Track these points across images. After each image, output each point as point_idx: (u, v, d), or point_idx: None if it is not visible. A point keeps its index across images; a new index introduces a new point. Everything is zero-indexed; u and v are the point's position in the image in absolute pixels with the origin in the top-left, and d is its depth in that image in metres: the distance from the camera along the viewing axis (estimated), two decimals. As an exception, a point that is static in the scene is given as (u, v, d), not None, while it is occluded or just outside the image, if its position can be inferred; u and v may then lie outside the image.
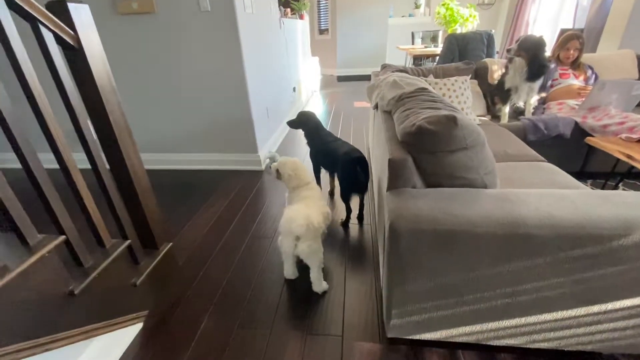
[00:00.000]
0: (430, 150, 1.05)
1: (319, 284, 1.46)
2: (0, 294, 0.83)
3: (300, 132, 2.30)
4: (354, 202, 1.93)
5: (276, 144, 3.21)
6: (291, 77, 4.11)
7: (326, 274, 1.57)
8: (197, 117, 2.59)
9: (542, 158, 1.74)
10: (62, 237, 0.98)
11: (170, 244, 1.53)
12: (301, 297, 1.45)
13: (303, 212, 1.35)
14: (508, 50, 2.33)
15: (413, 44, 5.35)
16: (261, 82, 2.79)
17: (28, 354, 0.90)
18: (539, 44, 2.20)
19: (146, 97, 2.56)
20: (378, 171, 1.53)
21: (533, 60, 2.21)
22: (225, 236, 1.89)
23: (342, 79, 6.99)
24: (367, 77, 6.66)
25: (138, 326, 1.34)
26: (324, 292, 1.46)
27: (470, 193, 1.02)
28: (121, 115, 1.23)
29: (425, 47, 4.88)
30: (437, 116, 1.03)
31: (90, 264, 1.13)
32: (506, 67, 2.39)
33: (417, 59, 4.81)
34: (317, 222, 1.36)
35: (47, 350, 0.94)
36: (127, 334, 1.29)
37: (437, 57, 4.51)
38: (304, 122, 2.16)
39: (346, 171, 1.81)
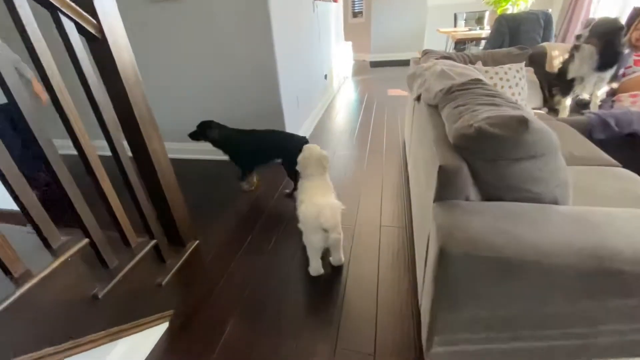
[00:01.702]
0: (490, 158, 0.88)
1: (340, 259, 1.51)
2: (23, 299, 0.80)
3: (333, 122, 2.17)
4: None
5: (306, 135, 3.09)
6: (323, 63, 3.94)
7: (356, 282, 1.46)
8: (226, 105, 2.53)
9: (616, 162, 1.48)
10: (86, 241, 0.94)
11: (197, 241, 1.49)
12: (329, 303, 1.36)
13: (324, 202, 1.33)
14: (577, 37, 2.02)
15: (455, 26, 4.94)
16: (292, 69, 2.67)
17: (52, 360, 0.88)
18: (615, 29, 1.88)
19: (173, 84, 2.53)
20: (419, 174, 1.37)
21: (606, 47, 1.89)
22: (252, 233, 1.83)
23: (375, 64, 6.68)
24: (402, 63, 6.31)
25: (164, 326, 1.32)
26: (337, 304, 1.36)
27: (539, 211, 0.85)
28: (146, 107, 1.17)
29: (470, 29, 4.48)
30: (502, 117, 0.86)
31: (116, 264, 1.10)
32: (571, 54, 2.08)
33: (460, 43, 4.43)
34: (339, 206, 1.37)
35: (70, 355, 0.92)
36: (152, 334, 1.27)
37: (483, 41, 4.13)
38: (215, 127, 2.05)
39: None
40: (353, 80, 5.66)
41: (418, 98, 1.73)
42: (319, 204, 1.33)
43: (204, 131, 2.04)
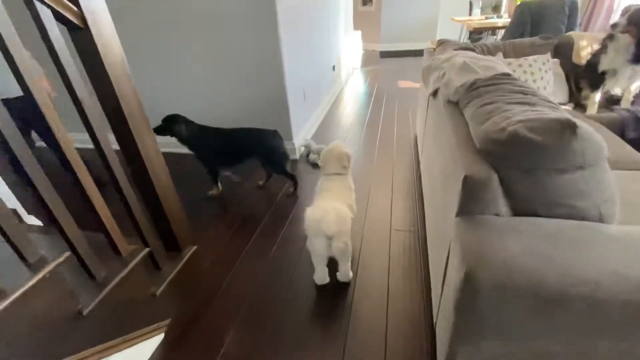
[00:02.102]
0: (526, 168, 0.76)
1: (347, 274, 1.39)
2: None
3: (341, 115, 2.06)
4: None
5: (312, 130, 2.97)
6: (331, 54, 3.78)
7: (364, 292, 1.36)
8: (227, 98, 2.42)
9: (658, 166, 1.33)
10: (66, 254, 0.85)
11: (195, 247, 1.40)
12: (335, 314, 1.27)
13: (330, 207, 1.22)
14: (613, 26, 1.84)
15: (470, 14, 4.70)
16: (298, 60, 2.53)
17: (31, 384, 0.80)
18: (656, 14, 1.70)
19: (172, 76, 2.42)
20: (434, 176, 1.25)
21: (645, 36, 1.72)
22: (253, 237, 1.74)
23: (385, 54, 6.45)
24: (413, 54, 6.08)
25: (159, 337, 1.24)
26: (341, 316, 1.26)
27: (584, 231, 0.73)
28: (136, 103, 1.07)
29: (486, 18, 4.25)
30: (543, 120, 0.73)
31: (104, 276, 1.01)
32: (603, 45, 1.91)
33: (475, 32, 4.21)
34: (346, 214, 1.29)
35: (52, 378, 0.84)
36: (147, 347, 1.19)
37: (500, 31, 3.92)
38: (181, 122, 1.92)
39: (277, 145, 1.92)
40: (362, 71, 5.47)
41: (434, 93, 1.59)
42: (324, 207, 1.23)
43: (169, 126, 1.89)
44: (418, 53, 6.12)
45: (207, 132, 1.96)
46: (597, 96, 1.94)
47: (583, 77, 2.03)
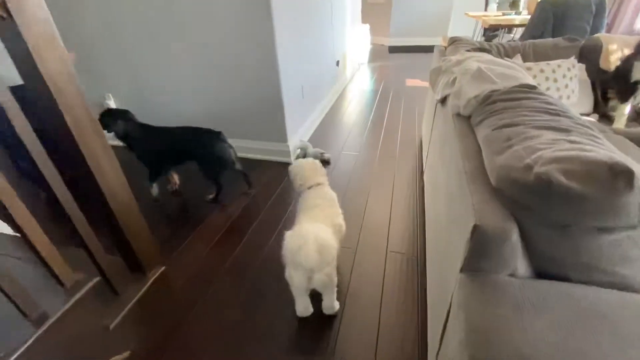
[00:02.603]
0: (558, 222, 0.58)
1: (332, 307, 1.22)
2: None
3: (343, 115, 1.88)
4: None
5: (310, 130, 2.78)
6: (335, 48, 3.56)
7: (352, 325, 1.19)
8: (215, 95, 2.23)
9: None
10: (-24, 298, 0.70)
11: (162, 268, 1.24)
12: (317, 349, 1.11)
13: (310, 234, 1.04)
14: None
15: (486, 10, 4.42)
16: (296, 55, 2.33)
17: None
18: None
19: (156, 72, 2.25)
20: (440, 203, 1.07)
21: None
22: (238, 248, 1.58)
23: (394, 50, 6.18)
24: (423, 49, 5.81)
25: (115, 373, 1.09)
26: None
27: (631, 310, 0.55)
28: (84, 112, 0.90)
29: (503, 14, 3.97)
30: (585, 162, 0.54)
31: (40, 313, 0.86)
32: (637, 51, 1.68)
33: (491, 30, 3.95)
34: (330, 242, 1.09)
35: None
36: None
37: (518, 29, 3.66)
38: (119, 117, 1.78)
39: (216, 148, 1.76)
40: (369, 67, 5.23)
41: (443, 100, 1.40)
42: (304, 234, 1.05)
43: (106, 122, 1.73)
44: (428, 49, 5.84)
45: (147, 130, 1.83)
46: (627, 108, 1.73)
47: (611, 86, 1.81)
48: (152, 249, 1.18)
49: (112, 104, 2.56)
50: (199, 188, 2.03)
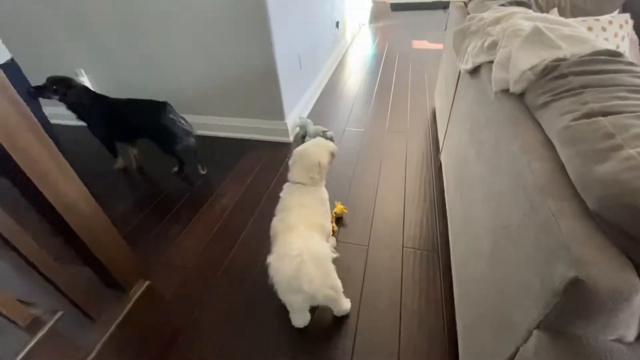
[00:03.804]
0: None
1: (344, 309, 1.09)
2: None
3: (344, 85, 1.63)
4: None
5: (309, 105, 2.50)
6: (334, 7, 3.17)
7: (368, 342, 1.04)
8: (201, 70, 1.94)
9: None
10: None
11: (147, 283, 1.06)
12: (340, 349, 0.97)
13: (304, 253, 0.85)
14: None
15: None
16: (291, 18, 2.01)
17: None
18: None
19: (141, 45, 1.93)
20: (473, 204, 0.86)
21: None
22: (236, 245, 1.40)
23: (397, 7, 5.65)
24: (429, 6, 5.32)
25: (98, 407, 0.95)
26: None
27: None
28: (11, 102, 0.65)
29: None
30: None
31: (-13, 364, 0.68)
32: None
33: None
34: (325, 251, 0.91)
35: None
36: None
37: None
38: (71, 85, 1.64)
39: (163, 121, 1.62)
40: (370, 28, 4.79)
41: (474, 70, 1.14)
42: (296, 255, 0.84)
43: (56, 88, 1.61)
44: (435, 6, 5.35)
45: (98, 100, 1.70)
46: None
47: (665, 44, 1.53)
48: (130, 262, 1.00)
49: (86, 81, 2.26)
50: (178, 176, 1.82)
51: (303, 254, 0.84)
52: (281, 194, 1.13)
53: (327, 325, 1.10)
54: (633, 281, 0.39)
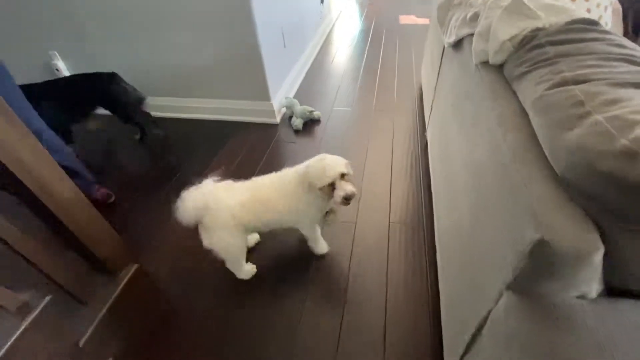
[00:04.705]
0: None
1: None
2: None
3: (331, 63, 1.59)
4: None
5: (295, 84, 2.46)
6: (318, -19, 3.06)
7: (356, 320, 1.08)
8: (185, 49, 1.88)
9: None
10: None
11: (135, 266, 1.07)
12: (321, 349, 1.01)
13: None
14: None
15: None
16: (274, -7, 1.94)
17: None
18: None
19: (120, 27, 1.84)
20: (457, 180, 0.88)
21: None
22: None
23: (384, -19, 5.47)
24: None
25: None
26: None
27: None
28: None
29: None
30: None
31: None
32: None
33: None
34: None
35: None
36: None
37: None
38: None
39: (114, 90, 1.69)
40: (356, 2, 4.65)
41: (457, 43, 1.13)
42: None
43: None
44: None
45: (47, 86, 1.66)
46: (663, 41, 1.48)
47: (647, 14, 1.54)
48: (117, 245, 1.00)
49: (61, 65, 2.17)
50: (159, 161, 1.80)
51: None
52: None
53: (317, 303, 1.13)
54: (594, 241, 0.41)
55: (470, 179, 0.77)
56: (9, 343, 0.73)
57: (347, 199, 0.95)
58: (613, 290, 0.48)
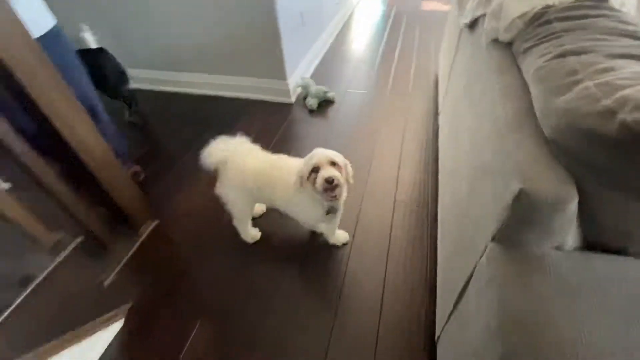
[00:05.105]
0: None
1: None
2: None
3: (349, 47, 1.63)
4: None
5: (312, 65, 2.49)
6: (341, -37, 3.03)
7: (356, 284, 1.15)
8: (203, 26, 1.93)
9: None
10: None
11: (155, 222, 1.16)
12: (321, 314, 1.08)
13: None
14: None
15: None
16: (295, -28, 1.96)
17: None
18: None
19: (140, 1, 1.91)
20: (461, 156, 0.91)
21: None
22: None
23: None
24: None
25: (118, 325, 1.08)
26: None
27: None
28: (30, 49, 0.71)
29: None
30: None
31: (24, 275, 0.79)
32: None
33: None
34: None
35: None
36: (102, 337, 1.04)
37: None
38: None
39: (100, 66, 1.69)
40: (379, -13, 4.57)
41: (472, 24, 1.15)
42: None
43: None
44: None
45: None
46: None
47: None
48: (140, 202, 1.09)
49: (89, 37, 2.26)
50: (189, 140, 1.88)
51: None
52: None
53: (319, 268, 1.20)
54: (569, 191, 0.45)
55: (473, 151, 0.81)
56: (43, 275, 0.83)
57: (329, 182, 0.88)
58: (591, 246, 0.52)
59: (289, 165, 1.04)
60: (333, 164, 0.93)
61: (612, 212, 0.47)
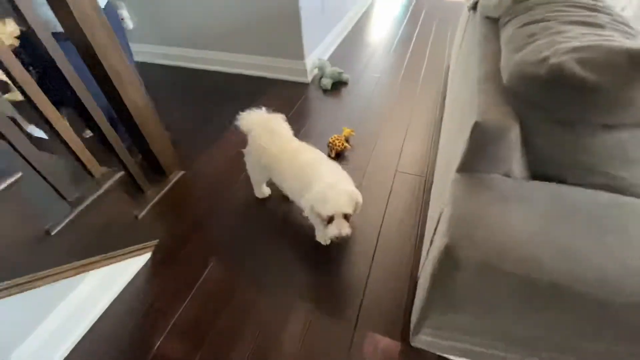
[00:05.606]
0: (564, 118, 0.55)
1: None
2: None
3: (367, 34, 1.74)
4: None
5: (330, 49, 2.61)
6: (364, -48, 3.12)
7: (352, 238, 1.29)
8: (232, 5, 2.08)
9: None
10: (18, 175, 0.80)
11: (182, 172, 1.33)
12: (319, 257, 1.23)
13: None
14: None
15: None
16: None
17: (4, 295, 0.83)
18: None
19: None
20: (454, 120, 1.03)
21: None
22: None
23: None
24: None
25: (146, 256, 1.27)
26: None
27: (618, 210, 0.55)
28: (93, 10, 0.88)
29: None
30: (604, 50, 0.49)
31: (76, 197, 0.98)
32: None
33: None
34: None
35: (26, 290, 0.87)
36: (134, 263, 1.23)
37: None
38: None
39: None
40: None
41: (474, 6, 1.25)
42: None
43: None
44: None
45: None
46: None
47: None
48: (171, 153, 1.26)
49: (126, 15, 2.47)
50: (219, 111, 2.05)
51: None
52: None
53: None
54: (510, 123, 0.58)
55: (458, 109, 0.93)
56: (93, 196, 1.00)
57: (337, 238, 0.97)
58: (538, 178, 0.64)
59: (301, 163, 1.11)
60: (346, 216, 0.98)
61: (549, 144, 0.59)
